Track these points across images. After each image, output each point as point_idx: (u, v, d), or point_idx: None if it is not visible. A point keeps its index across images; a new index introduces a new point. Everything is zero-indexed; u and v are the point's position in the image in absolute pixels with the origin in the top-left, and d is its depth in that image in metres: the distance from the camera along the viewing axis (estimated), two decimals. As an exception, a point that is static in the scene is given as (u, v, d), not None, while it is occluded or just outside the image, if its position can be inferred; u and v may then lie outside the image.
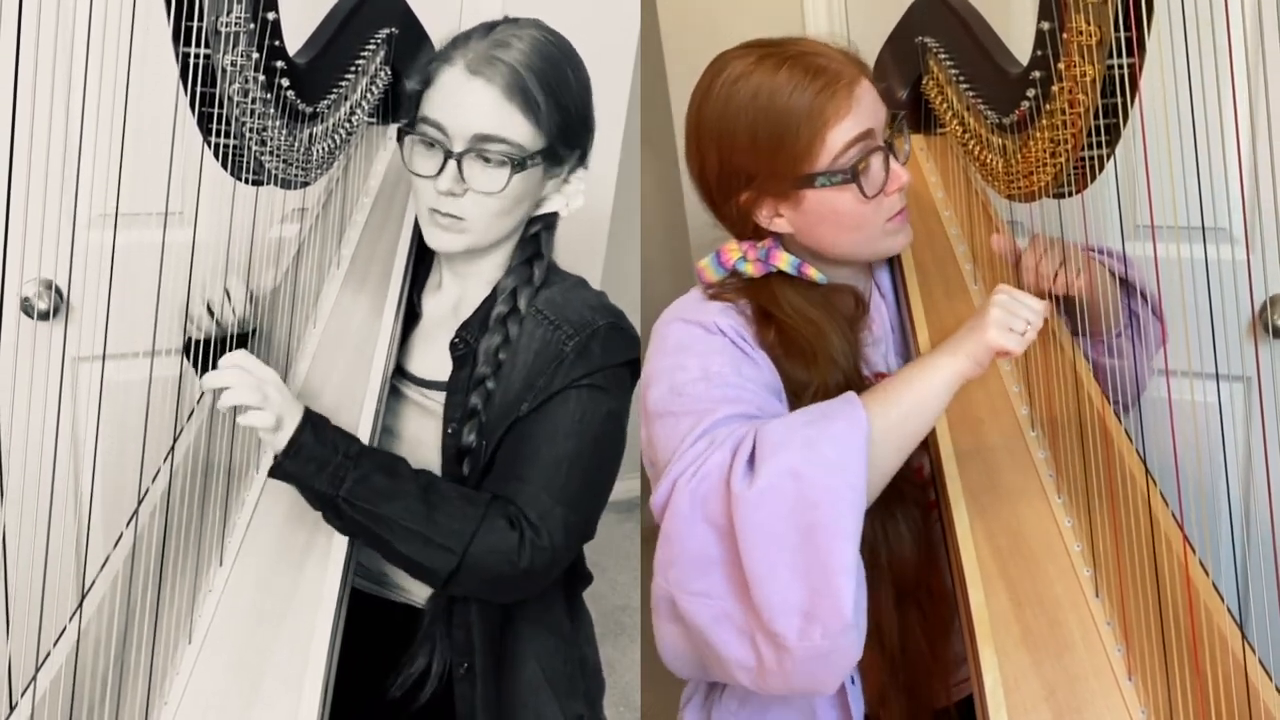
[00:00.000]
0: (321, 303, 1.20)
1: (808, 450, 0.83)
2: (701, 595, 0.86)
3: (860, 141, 0.99)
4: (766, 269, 1.05)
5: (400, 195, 1.28)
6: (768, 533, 0.81)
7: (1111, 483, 0.94)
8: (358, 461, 0.99)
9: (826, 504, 0.81)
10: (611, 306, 1.12)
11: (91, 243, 1.42)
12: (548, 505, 1.01)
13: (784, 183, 1.00)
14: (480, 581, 1.02)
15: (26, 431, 1.27)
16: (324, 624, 0.96)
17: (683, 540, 0.86)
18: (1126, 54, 0.86)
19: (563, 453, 1.03)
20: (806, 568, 0.80)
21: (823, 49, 1.01)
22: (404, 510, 0.99)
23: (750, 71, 1.00)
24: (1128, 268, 1.10)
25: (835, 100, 0.97)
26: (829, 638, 0.80)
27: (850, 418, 0.85)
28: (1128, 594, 0.88)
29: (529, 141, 1.05)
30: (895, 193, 1.02)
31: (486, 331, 1.09)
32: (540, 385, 1.05)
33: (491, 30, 1.07)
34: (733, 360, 0.97)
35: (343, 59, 1.12)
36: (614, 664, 2.09)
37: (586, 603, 1.28)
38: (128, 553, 1.01)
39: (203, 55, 0.93)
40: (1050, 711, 0.82)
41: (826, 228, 1.03)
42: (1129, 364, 1.07)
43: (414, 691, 1.11)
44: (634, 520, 2.44)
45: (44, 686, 0.90)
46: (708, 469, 0.86)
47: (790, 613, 0.80)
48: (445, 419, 1.11)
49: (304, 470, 0.97)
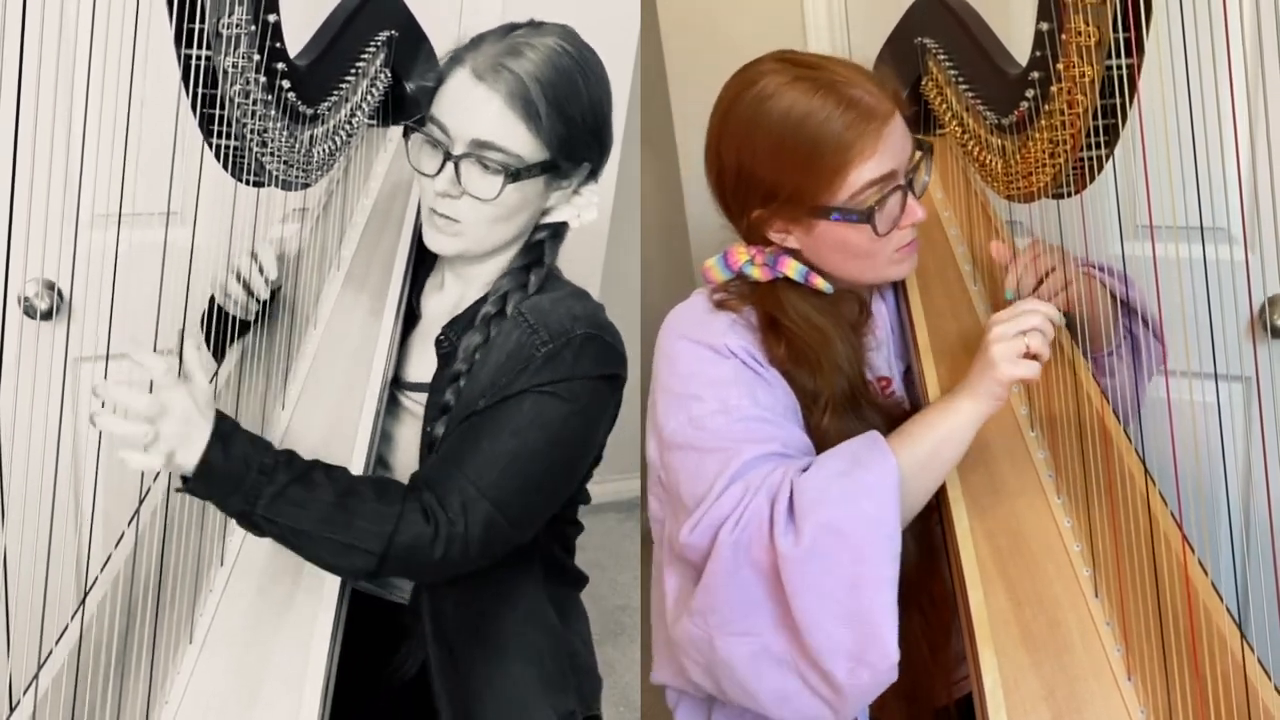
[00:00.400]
0: (321, 304, 1.20)
1: (847, 505, 0.87)
2: (742, 635, 0.91)
3: (882, 182, 0.98)
4: (773, 274, 1.04)
5: (400, 197, 1.28)
6: (816, 588, 0.86)
7: (1111, 483, 0.94)
8: (272, 476, 0.95)
9: (869, 557, 0.86)
10: (599, 320, 1.09)
11: (92, 243, 1.42)
12: (473, 496, 0.99)
13: (800, 209, 1.00)
14: (400, 572, 1.03)
15: (27, 432, 1.27)
16: (324, 624, 0.96)
17: (727, 588, 0.90)
18: (1125, 55, 0.86)
19: (503, 450, 1.01)
20: (853, 618, 0.85)
21: (860, 80, 0.99)
22: (319, 522, 0.95)
23: (783, 89, 0.98)
24: (1128, 289, 1.10)
25: (864, 138, 0.96)
26: (876, 676, 0.86)
27: (880, 467, 0.89)
28: (1127, 594, 0.88)
29: (528, 152, 1.04)
30: (907, 228, 1.02)
31: (470, 329, 1.09)
32: (501, 384, 1.04)
33: (509, 34, 1.06)
34: (748, 388, 0.98)
35: (343, 61, 1.12)
36: (614, 664, 2.09)
37: (585, 603, 1.28)
38: (129, 553, 1.01)
39: (204, 57, 0.93)
40: (1049, 711, 0.83)
41: (834, 255, 1.03)
42: (1123, 383, 1.06)
43: (406, 684, 1.11)
44: (634, 520, 2.44)
45: (45, 686, 0.91)
46: (748, 518, 0.90)
47: (840, 655, 0.86)
48: (425, 419, 1.10)
49: (217, 492, 0.93)
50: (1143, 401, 1.12)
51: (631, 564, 2.33)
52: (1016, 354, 0.90)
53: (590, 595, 1.29)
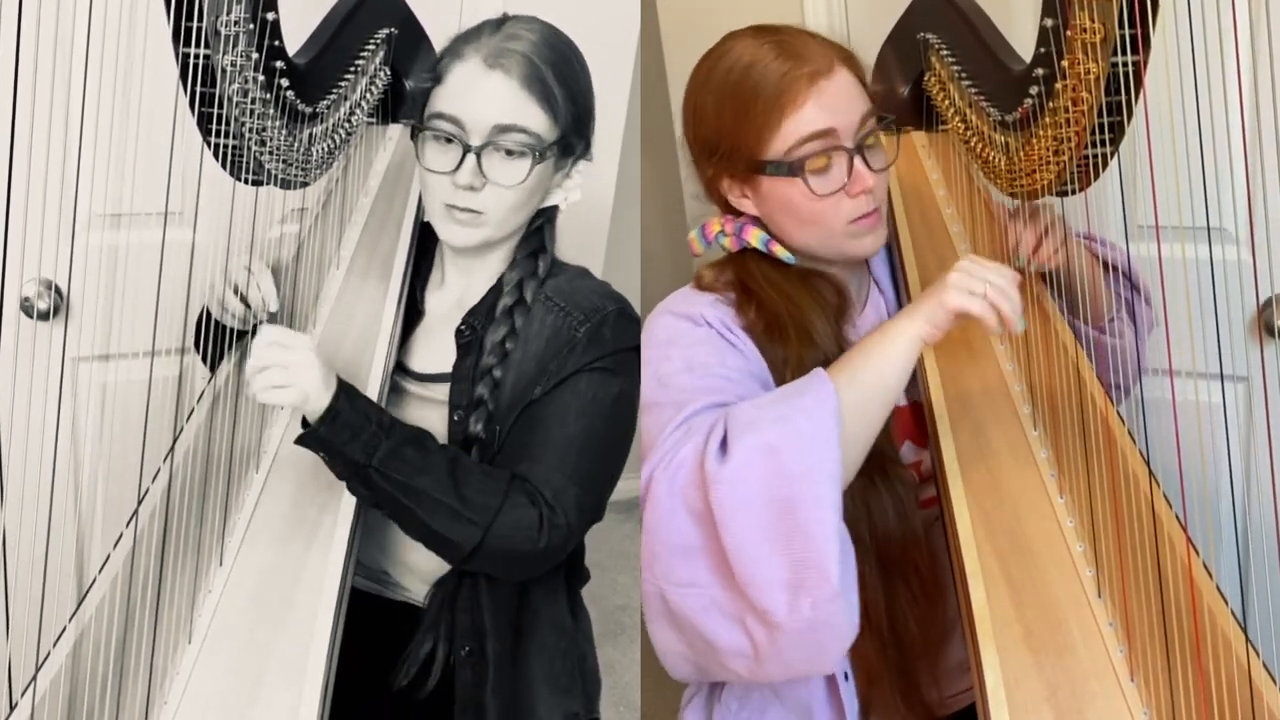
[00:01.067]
0: (321, 303, 1.20)
1: (780, 425, 0.83)
2: (688, 585, 0.85)
3: (819, 138, 0.97)
4: (740, 244, 1.06)
5: (400, 195, 1.28)
6: (745, 509, 0.80)
7: (1114, 483, 0.94)
8: (389, 432, 0.99)
9: (804, 476, 0.80)
10: (617, 294, 1.14)
11: (91, 243, 1.42)
12: (561, 484, 1.02)
13: (739, 164, 1.01)
14: (499, 557, 1.02)
15: (26, 431, 1.27)
16: (324, 624, 0.96)
17: (664, 532, 0.85)
18: (1131, 51, 0.85)
19: (575, 432, 1.04)
20: (788, 540, 0.79)
21: (808, 37, 1.00)
22: (433, 482, 0.99)
23: (736, 45, 1.01)
24: (1114, 253, 1.10)
25: (797, 85, 0.96)
26: (818, 607, 0.79)
27: (818, 391, 0.86)
28: (1130, 595, 0.88)
29: (546, 131, 1.06)
30: (859, 195, 1.00)
31: (493, 322, 1.10)
32: (553, 370, 1.06)
33: (501, 26, 1.09)
34: (717, 350, 0.98)
35: (342, 59, 1.11)
36: (614, 664, 2.09)
37: (586, 603, 1.28)
38: (127, 553, 1.00)
39: (202, 55, 0.92)
40: (1052, 712, 0.82)
41: (784, 218, 1.03)
42: (1129, 344, 1.07)
43: (418, 680, 1.11)
44: (634, 520, 2.43)
45: (44, 686, 0.90)
46: (682, 457, 0.85)
47: (776, 588, 0.79)
48: (451, 406, 1.11)
49: (339, 437, 0.97)
50: (1144, 366, 1.12)
51: (631, 564, 2.33)
52: (971, 290, 0.88)
53: (590, 595, 1.29)
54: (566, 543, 1.03)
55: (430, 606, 1.13)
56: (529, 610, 1.14)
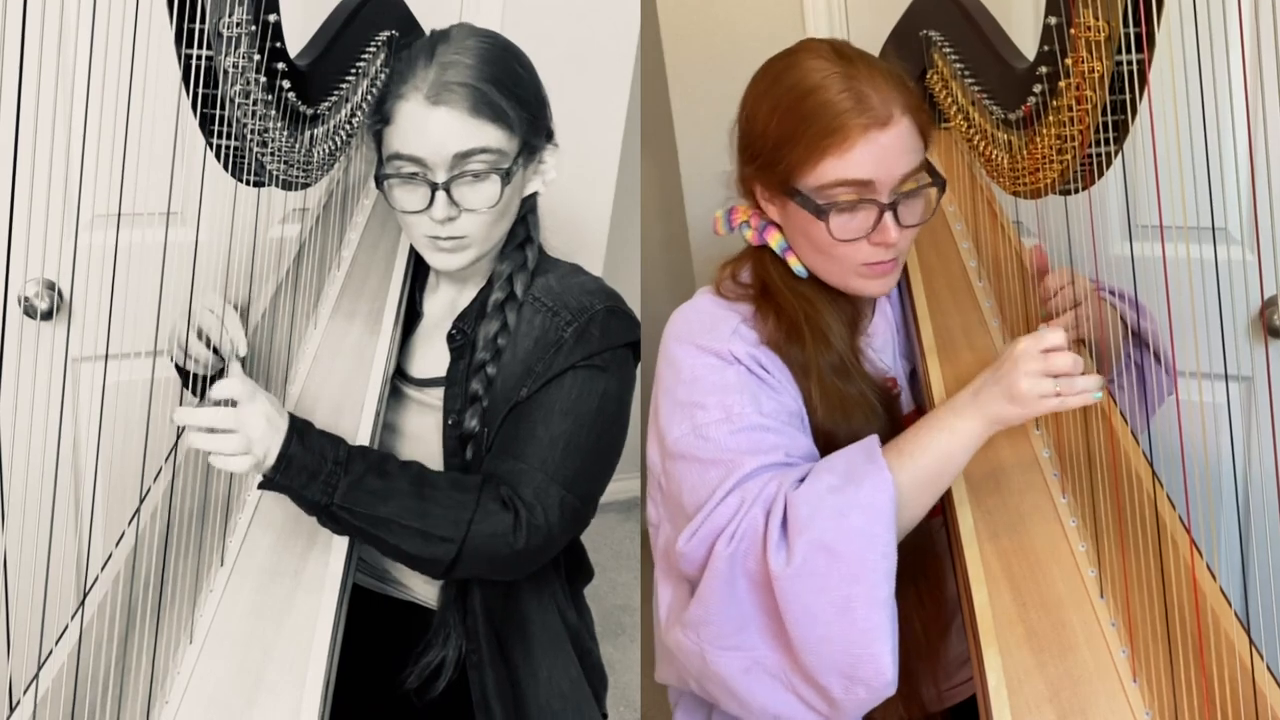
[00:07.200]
0: (322, 304, 1.20)
1: (838, 521, 0.85)
2: (734, 649, 0.90)
3: (854, 186, 0.96)
4: (760, 240, 1.07)
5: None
6: (808, 608, 0.85)
7: (1117, 484, 0.94)
8: (348, 466, 0.98)
9: (860, 578, 0.84)
10: (609, 290, 1.13)
11: (92, 243, 1.42)
12: (543, 483, 1.02)
13: (773, 177, 1.00)
14: (479, 565, 1.03)
15: (27, 432, 1.27)
16: (325, 623, 0.96)
17: (721, 601, 0.90)
18: (1136, 49, 0.85)
19: (558, 431, 1.04)
20: (846, 639, 0.84)
21: (880, 78, 0.97)
22: (400, 509, 0.98)
23: (808, 61, 0.99)
24: (1139, 316, 1.08)
25: (849, 129, 0.94)
26: (872, 694, 0.85)
27: (875, 483, 0.87)
28: (1133, 595, 0.88)
29: (506, 145, 1.05)
30: (879, 247, 0.99)
31: (485, 318, 1.10)
32: (539, 370, 1.06)
33: (433, 54, 1.04)
34: (752, 395, 0.97)
35: (344, 61, 1.11)
36: (614, 664, 2.09)
37: (587, 602, 1.28)
38: (129, 552, 1.00)
39: (204, 57, 0.92)
40: (1054, 712, 0.82)
41: (800, 241, 1.03)
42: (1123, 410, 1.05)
43: (430, 681, 1.12)
44: (634, 520, 2.43)
45: (46, 686, 0.90)
46: (743, 531, 0.89)
47: (834, 674, 0.85)
48: (445, 410, 1.11)
49: (295, 481, 0.96)
50: (1150, 425, 1.10)
51: (631, 564, 2.33)
52: (1043, 394, 0.86)
53: (590, 595, 1.29)
54: (548, 542, 1.03)
55: (439, 609, 1.13)
56: (535, 610, 1.14)
